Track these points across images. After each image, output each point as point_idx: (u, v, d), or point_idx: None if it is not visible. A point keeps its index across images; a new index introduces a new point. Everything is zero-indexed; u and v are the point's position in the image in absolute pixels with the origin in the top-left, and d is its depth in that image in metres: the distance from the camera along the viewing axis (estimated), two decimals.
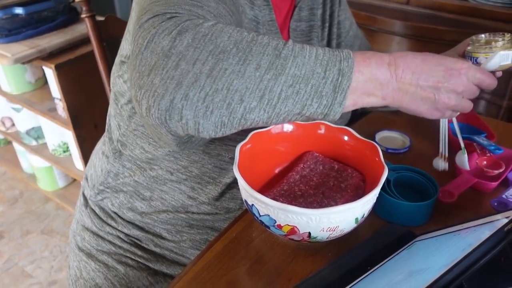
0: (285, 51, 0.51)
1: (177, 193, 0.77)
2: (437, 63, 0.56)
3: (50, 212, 2.04)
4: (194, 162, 0.74)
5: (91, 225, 0.84)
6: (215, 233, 0.80)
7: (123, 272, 0.79)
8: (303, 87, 0.51)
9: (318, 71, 0.51)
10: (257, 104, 0.50)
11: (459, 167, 0.76)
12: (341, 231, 0.59)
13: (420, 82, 0.55)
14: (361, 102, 0.55)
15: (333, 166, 0.71)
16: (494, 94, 1.52)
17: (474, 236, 0.50)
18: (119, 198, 0.81)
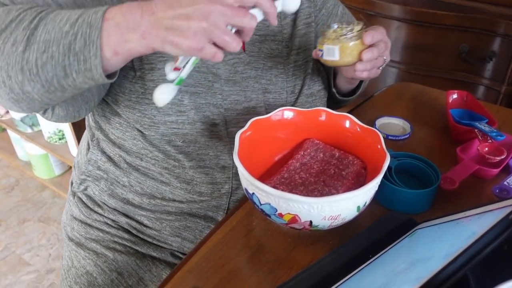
0: (37, 21, 0.53)
1: (150, 178, 0.77)
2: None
3: (47, 200, 2.03)
4: (156, 147, 0.75)
5: (79, 213, 0.84)
6: (193, 219, 0.79)
7: (112, 257, 0.79)
8: (55, 49, 0.52)
9: (67, 29, 0.52)
10: (23, 76, 0.53)
11: (460, 155, 0.76)
12: (343, 219, 0.58)
13: (172, 10, 0.51)
14: (122, 50, 0.53)
15: (334, 154, 0.70)
16: (493, 80, 1.51)
17: (477, 225, 0.50)
18: (99, 185, 0.82)
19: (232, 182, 0.77)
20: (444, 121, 0.88)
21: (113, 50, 0.53)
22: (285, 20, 0.80)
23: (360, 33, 0.65)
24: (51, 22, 0.52)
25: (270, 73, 0.78)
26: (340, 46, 0.64)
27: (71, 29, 0.52)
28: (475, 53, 1.49)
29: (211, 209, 0.79)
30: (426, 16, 1.51)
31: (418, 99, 0.98)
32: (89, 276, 0.78)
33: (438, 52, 1.56)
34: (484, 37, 1.46)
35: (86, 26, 0.51)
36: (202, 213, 0.79)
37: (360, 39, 0.65)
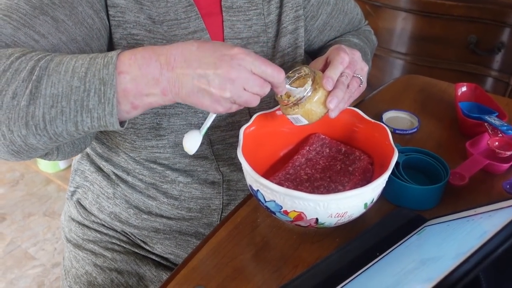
0: (37, 72, 0.48)
1: (137, 191, 0.76)
2: (212, 50, 0.50)
3: (52, 194, 2.03)
4: (141, 165, 0.73)
5: (77, 215, 0.83)
6: (183, 237, 0.78)
7: (110, 257, 0.78)
8: (65, 105, 0.48)
9: (76, 85, 0.48)
10: (28, 131, 0.49)
11: (469, 150, 0.74)
12: (350, 216, 0.57)
13: (191, 70, 0.49)
14: (142, 104, 0.51)
15: (340, 149, 0.69)
16: (502, 71, 1.48)
17: (489, 223, 0.48)
18: (88, 198, 0.81)
19: (223, 198, 0.75)
20: (453, 115, 0.86)
21: (131, 105, 0.51)
22: (268, 17, 0.73)
23: (315, 83, 0.58)
24: (55, 74, 0.48)
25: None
26: (302, 112, 0.58)
27: (81, 85, 0.48)
28: (483, 44, 1.47)
29: (202, 226, 0.77)
30: (434, 6, 1.49)
31: (426, 92, 0.96)
32: (88, 276, 0.78)
33: (445, 43, 1.53)
34: (493, 27, 1.43)
35: (98, 83, 0.48)
36: (192, 230, 0.77)
37: (317, 90, 0.58)
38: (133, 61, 0.49)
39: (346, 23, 0.87)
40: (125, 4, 0.63)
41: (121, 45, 0.64)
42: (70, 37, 0.58)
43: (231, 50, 0.50)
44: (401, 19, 1.58)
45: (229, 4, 0.71)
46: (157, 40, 0.65)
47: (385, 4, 1.58)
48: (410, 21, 1.56)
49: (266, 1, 0.74)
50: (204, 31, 0.69)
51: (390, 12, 1.59)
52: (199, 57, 0.50)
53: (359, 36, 0.87)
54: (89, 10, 0.60)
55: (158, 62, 0.49)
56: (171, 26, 0.67)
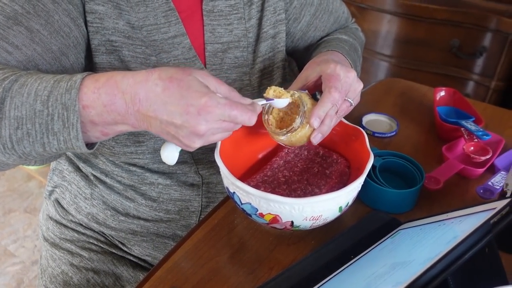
0: (0, 93, 0.48)
1: (114, 193, 0.75)
2: (179, 96, 0.47)
3: (33, 190, 2.01)
4: (120, 167, 0.73)
5: (55, 214, 0.82)
6: (161, 239, 0.77)
7: (87, 257, 0.78)
8: (31, 127, 0.49)
9: (39, 108, 0.48)
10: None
11: (445, 154, 0.75)
12: (325, 219, 0.58)
13: (159, 116, 0.48)
14: (113, 132, 0.51)
15: (318, 152, 0.69)
16: (483, 75, 1.51)
17: (459, 228, 0.49)
18: (65, 198, 0.80)
19: (202, 200, 0.75)
20: (431, 119, 0.88)
21: (101, 132, 0.51)
22: (249, 22, 0.73)
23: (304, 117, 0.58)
24: (18, 96, 0.48)
25: (235, 86, 0.70)
26: (288, 142, 0.60)
27: (45, 109, 0.48)
28: (465, 48, 1.49)
29: (179, 229, 0.76)
30: (418, 10, 1.50)
31: (406, 95, 0.97)
32: (64, 275, 0.77)
33: (429, 47, 1.55)
34: (475, 32, 1.45)
35: (61, 108, 0.48)
36: (170, 233, 0.77)
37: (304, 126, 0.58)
38: (97, 97, 0.48)
39: (332, 23, 0.86)
40: (103, 10, 0.62)
41: (99, 51, 0.63)
42: (45, 47, 0.57)
43: (198, 100, 0.47)
44: (386, 21, 1.59)
45: (210, 8, 0.70)
46: (136, 47, 0.65)
47: (371, 6, 1.59)
48: (395, 23, 1.58)
49: (247, 5, 0.73)
50: (184, 36, 0.68)
51: (376, 15, 1.60)
52: (165, 103, 0.47)
53: (347, 33, 0.86)
54: (65, 19, 0.59)
55: (123, 100, 0.48)
56: (150, 31, 0.66)
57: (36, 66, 0.57)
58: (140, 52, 0.65)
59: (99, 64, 0.64)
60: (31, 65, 0.57)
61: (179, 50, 0.68)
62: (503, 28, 1.39)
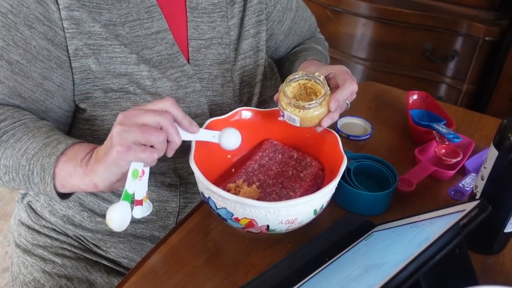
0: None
1: (91, 194, 0.74)
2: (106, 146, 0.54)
3: (4, 196, 1.95)
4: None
5: (27, 219, 0.81)
6: (138, 240, 0.77)
7: (60, 263, 0.76)
8: (15, 175, 0.59)
9: (23, 163, 0.57)
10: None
11: (418, 156, 0.76)
12: (300, 222, 0.58)
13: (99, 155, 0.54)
14: (79, 190, 0.57)
15: (292, 155, 0.70)
16: (455, 79, 1.54)
17: (430, 230, 0.50)
18: (40, 201, 0.79)
19: (180, 200, 0.74)
20: (405, 122, 0.89)
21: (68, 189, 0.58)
22: (232, 20, 0.75)
23: (323, 99, 0.62)
24: (11, 148, 0.58)
25: (217, 82, 0.73)
26: (302, 118, 0.62)
27: (27, 165, 0.57)
28: (438, 52, 1.52)
29: (157, 229, 0.76)
30: (391, 14, 1.53)
31: (380, 98, 0.99)
32: (36, 283, 0.75)
33: (402, 50, 1.58)
34: (447, 36, 1.48)
35: (39, 168, 0.56)
36: (147, 234, 0.76)
37: (322, 106, 0.62)
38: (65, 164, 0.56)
39: (306, 29, 0.91)
40: (78, 15, 0.62)
41: (78, 56, 0.63)
42: (25, 75, 0.62)
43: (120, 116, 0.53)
44: (361, 25, 1.61)
45: (193, 5, 0.72)
46: (115, 47, 0.65)
47: (346, 10, 1.61)
48: (370, 27, 1.60)
49: (230, 4, 0.75)
50: (167, 31, 0.69)
51: (351, 18, 1.62)
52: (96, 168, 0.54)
53: (318, 43, 0.92)
54: (42, 42, 0.62)
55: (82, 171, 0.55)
56: (133, 27, 0.67)
57: (19, 94, 0.63)
58: (119, 51, 0.65)
59: (78, 68, 0.64)
60: (15, 95, 0.62)
61: (162, 46, 0.69)
62: (474, 32, 1.43)
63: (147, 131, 0.51)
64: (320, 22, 1.03)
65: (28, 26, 0.60)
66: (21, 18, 0.60)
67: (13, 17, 0.59)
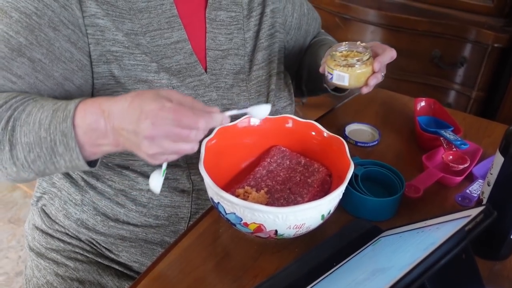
0: (12, 123, 0.57)
1: (105, 198, 0.76)
2: (137, 106, 0.51)
3: (18, 201, 1.99)
4: (112, 170, 0.74)
5: (41, 223, 0.82)
6: (149, 246, 0.78)
7: (72, 267, 0.78)
8: (39, 151, 0.56)
9: (43, 135, 0.56)
10: (17, 168, 0.58)
11: (425, 163, 0.77)
12: (308, 227, 0.59)
13: (125, 127, 0.52)
14: (99, 151, 0.57)
15: (300, 161, 0.71)
16: (464, 85, 1.54)
17: (436, 235, 0.51)
18: (54, 204, 0.80)
19: (192, 206, 0.76)
20: (412, 128, 0.90)
21: (90, 152, 0.57)
22: (248, 33, 0.79)
23: (368, 60, 0.69)
24: (26, 124, 0.56)
25: (232, 92, 0.76)
26: (351, 75, 0.68)
27: (48, 136, 0.55)
28: (447, 58, 1.52)
29: (168, 235, 0.77)
30: (400, 21, 1.54)
31: (388, 105, 1.00)
32: (49, 285, 0.77)
33: (411, 57, 1.58)
34: (456, 43, 1.49)
35: (60, 135, 0.55)
36: (158, 239, 0.77)
37: (367, 65, 0.69)
38: (82, 115, 0.55)
39: (317, 28, 0.99)
40: (103, 23, 0.65)
41: (100, 61, 0.66)
42: (47, 74, 0.63)
43: (148, 106, 0.51)
44: (369, 32, 1.62)
45: (213, 16, 0.76)
46: (136, 55, 0.67)
47: (354, 17, 1.62)
48: (378, 34, 1.61)
49: (247, 18, 0.80)
50: (186, 42, 0.72)
51: (359, 25, 1.63)
52: (127, 114, 0.52)
53: (327, 35, 1.00)
54: (66, 44, 0.63)
55: (103, 119, 0.54)
56: (153, 36, 0.70)
57: (38, 91, 0.64)
58: (140, 60, 0.68)
59: (101, 74, 0.66)
60: (34, 91, 0.63)
61: (181, 55, 0.72)
62: (483, 39, 1.43)
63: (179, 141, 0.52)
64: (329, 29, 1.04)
65: (52, 28, 0.62)
66: (45, 20, 0.61)
67: (38, 18, 0.61)
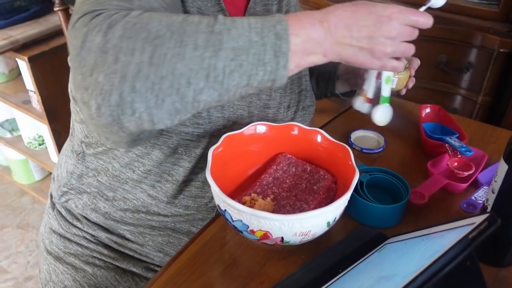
0: (218, 26, 0.51)
1: (139, 191, 0.76)
2: (367, 12, 0.55)
3: (26, 206, 2.01)
4: (153, 161, 0.74)
5: (58, 227, 0.83)
6: (176, 235, 0.79)
7: (91, 272, 0.79)
8: (245, 58, 0.51)
9: (255, 39, 0.51)
10: (205, 84, 0.50)
11: (430, 169, 0.78)
12: (313, 235, 0.60)
13: (354, 34, 0.55)
14: (304, 63, 0.55)
15: (306, 168, 0.71)
16: (470, 90, 1.54)
17: (441, 242, 0.51)
18: (82, 199, 0.81)
19: None
20: (417, 135, 0.90)
21: (296, 64, 0.54)
22: None
23: (407, 67, 0.81)
24: (234, 28, 0.51)
25: (270, 88, 0.77)
26: (399, 78, 0.79)
27: (259, 39, 0.51)
28: (452, 64, 1.53)
29: (196, 224, 0.78)
30: None
31: (393, 112, 1.00)
32: None
33: None
34: (461, 48, 1.49)
35: (274, 38, 0.51)
36: (185, 229, 0.78)
37: (407, 71, 0.81)
38: (300, 25, 0.53)
39: None
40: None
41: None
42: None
43: (385, 10, 0.55)
44: None
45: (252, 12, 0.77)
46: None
47: None
48: None
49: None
50: None
51: None
52: (357, 22, 0.55)
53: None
54: None
55: (322, 28, 0.54)
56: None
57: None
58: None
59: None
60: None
61: None
62: (488, 44, 1.43)
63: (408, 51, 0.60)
64: None
65: None
66: None
67: None
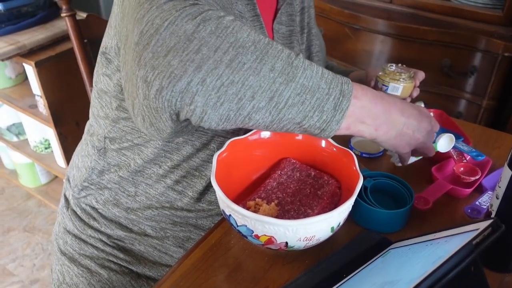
0: (296, 61, 0.54)
1: (162, 186, 0.77)
2: (411, 107, 0.65)
3: (32, 209, 2.02)
4: (183, 156, 0.74)
5: (73, 228, 0.84)
6: (197, 231, 0.81)
7: (106, 277, 0.79)
8: (308, 98, 0.53)
9: (323, 86, 0.54)
10: (266, 104, 0.52)
11: (435, 174, 0.78)
12: (318, 240, 0.60)
13: (404, 118, 0.62)
14: (354, 128, 0.58)
15: (310, 173, 0.72)
16: (474, 94, 1.54)
17: (445, 248, 0.51)
18: (104, 195, 0.81)
19: None
20: None
21: (347, 125, 0.57)
22: (302, 45, 0.88)
23: (412, 77, 0.84)
24: (309, 70, 0.54)
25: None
26: (404, 86, 0.81)
27: (326, 88, 0.54)
28: (457, 67, 1.53)
29: (216, 220, 0.79)
30: (409, 31, 1.54)
31: None
32: None
33: (421, 66, 1.55)
34: (465, 52, 1.49)
35: (339, 93, 0.55)
36: (207, 226, 0.80)
37: (412, 81, 0.83)
38: (364, 93, 0.58)
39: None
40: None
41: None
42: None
43: (422, 109, 0.67)
44: (379, 42, 1.63)
45: (277, 28, 0.83)
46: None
47: (364, 27, 1.63)
48: (388, 44, 1.62)
49: (300, 33, 0.88)
50: None
51: (369, 35, 1.64)
52: (408, 109, 0.63)
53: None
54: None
55: (383, 105, 0.60)
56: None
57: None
58: None
59: None
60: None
61: None
62: (492, 48, 1.43)
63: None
64: (338, 39, 1.05)
65: None
66: None
67: None
